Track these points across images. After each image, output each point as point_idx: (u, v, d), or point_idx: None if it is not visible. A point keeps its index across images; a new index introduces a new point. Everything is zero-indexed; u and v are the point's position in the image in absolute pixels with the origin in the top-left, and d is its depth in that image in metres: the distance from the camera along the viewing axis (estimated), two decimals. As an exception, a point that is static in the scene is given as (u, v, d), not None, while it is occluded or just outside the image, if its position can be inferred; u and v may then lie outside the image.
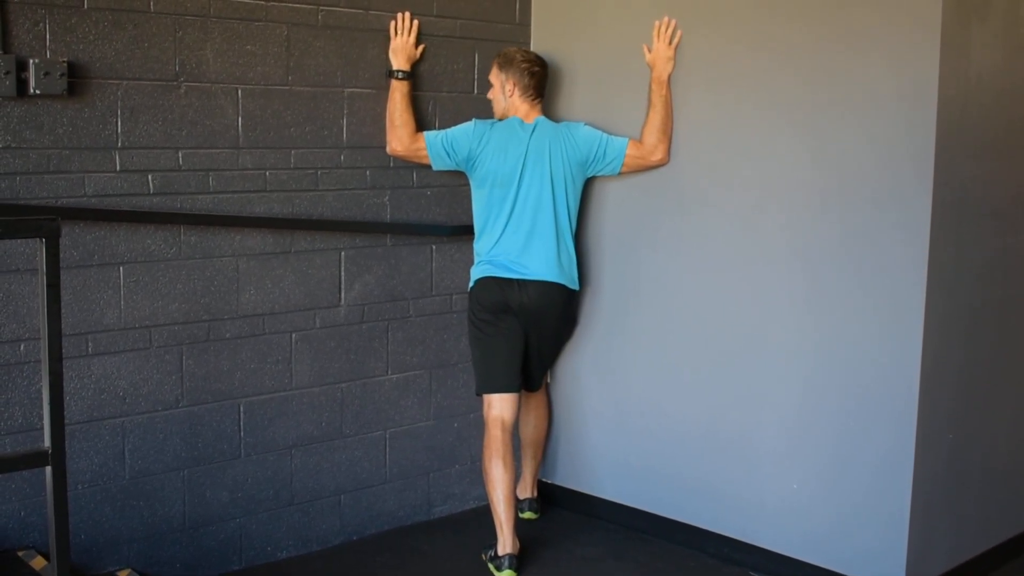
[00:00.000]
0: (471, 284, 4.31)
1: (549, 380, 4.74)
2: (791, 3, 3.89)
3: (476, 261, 4.31)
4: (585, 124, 4.31)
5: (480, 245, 4.30)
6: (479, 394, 4.31)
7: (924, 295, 3.64)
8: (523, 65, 4.23)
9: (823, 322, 3.88)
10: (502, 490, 4.12)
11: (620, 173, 4.31)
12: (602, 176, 4.39)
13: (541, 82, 4.28)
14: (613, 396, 4.55)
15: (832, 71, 3.80)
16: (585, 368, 4.63)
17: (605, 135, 4.27)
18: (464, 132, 4.24)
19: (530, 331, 4.28)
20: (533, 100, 4.27)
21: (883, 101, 3.69)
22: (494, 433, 4.18)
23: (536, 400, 4.62)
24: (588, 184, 4.42)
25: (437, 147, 4.22)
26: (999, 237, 4.01)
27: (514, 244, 4.21)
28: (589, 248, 4.55)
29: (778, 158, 3.96)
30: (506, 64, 4.25)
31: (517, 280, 4.19)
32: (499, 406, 4.22)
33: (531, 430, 4.64)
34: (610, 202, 4.47)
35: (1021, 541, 4.33)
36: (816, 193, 3.87)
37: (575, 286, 4.35)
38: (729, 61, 4.07)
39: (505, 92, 4.26)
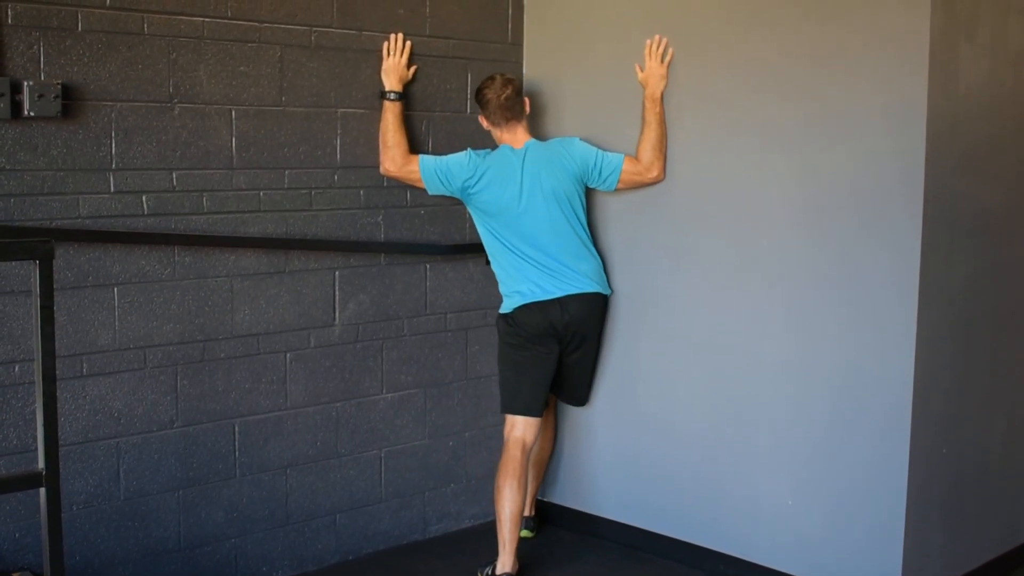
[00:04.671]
0: (509, 310, 4.27)
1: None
2: (780, 22, 3.92)
3: (507, 286, 4.27)
4: (580, 139, 4.33)
5: (505, 274, 4.27)
6: (506, 412, 4.30)
7: (916, 310, 3.65)
8: (489, 97, 4.22)
9: (816, 338, 3.89)
10: (511, 508, 4.11)
11: (616, 190, 4.33)
12: (597, 193, 4.41)
13: (511, 104, 4.22)
14: (609, 414, 4.55)
15: (822, 88, 3.82)
16: (580, 386, 4.64)
17: (600, 151, 4.29)
18: (458, 163, 4.23)
19: (571, 348, 4.29)
20: (510, 123, 4.24)
21: (873, 118, 3.71)
22: (513, 453, 4.18)
23: (545, 422, 4.61)
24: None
25: (431, 173, 4.23)
26: (989, 251, 4.02)
27: (544, 265, 4.20)
28: (583, 266, 4.56)
29: (770, 176, 3.98)
30: (480, 106, 4.28)
31: (558, 299, 4.20)
32: (522, 428, 4.22)
33: (537, 450, 4.62)
34: (604, 221, 4.48)
35: (1015, 556, 4.33)
36: (808, 210, 3.89)
37: (608, 291, 4.38)
38: (720, 81, 4.09)
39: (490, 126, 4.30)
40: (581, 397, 4.55)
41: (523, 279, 4.23)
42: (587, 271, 4.27)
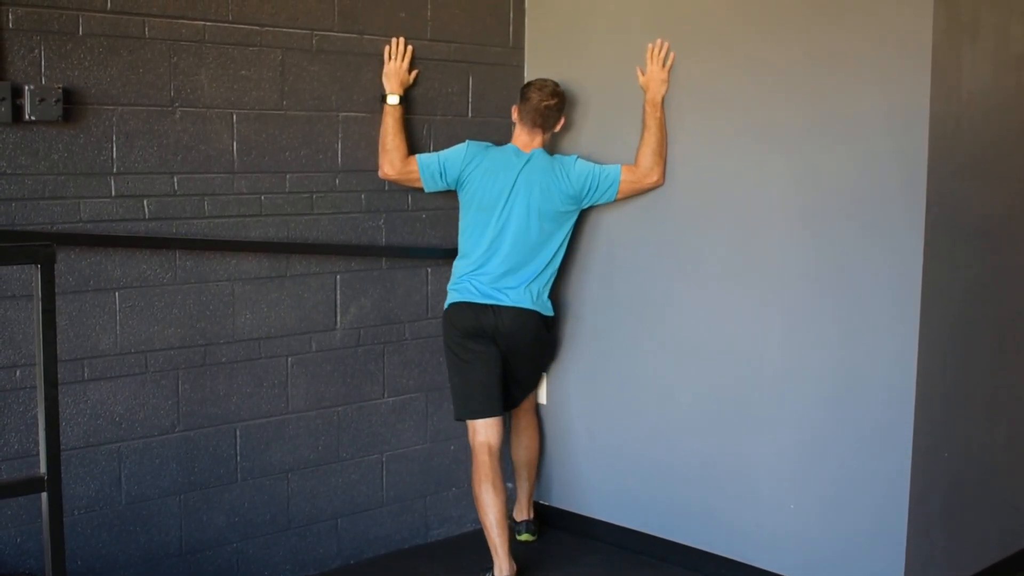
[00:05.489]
0: (446, 306, 4.30)
1: (543, 402, 4.74)
2: (782, 25, 3.92)
3: (452, 282, 4.30)
4: (579, 158, 4.31)
5: (459, 266, 4.29)
6: (460, 419, 4.30)
7: (917, 313, 3.65)
8: (531, 96, 4.25)
9: (818, 341, 3.89)
10: (494, 514, 4.11)
11: (616, 199, 4.32)
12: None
13: (548, 114, 4.26)
14: (608, 417, 4.55)
15: (823, 92, 3.82)
16: (579, 389, 4.63)
17: (597, 166, 4.27)
18: (456, 153, 4.26)
19: (507, 355, 4.28)
20: (535, 129, 4.26)
21: (875, 121, 3.71)
22: (482, 458, 4.18)
23: (526, 421, 4.62)
24: (582, 206, 4.43)
25: (430, 169, 4.24)
26: (991, 255, 4.02)
27: (492, 270, 4.20)
28: (582, 269, 4.55)
29: (771, 180, 3.98)
30: (521, 99, 4.29)
31: (492, 306, 4.19)
32: (484, 432, 4.21)
33: (523, 451, 4.63)
34: (603, 224, 4.48)
35: (1018, 559, 4.33)
36: (809, 214, 3.89)
37: (549, 313, 4.34)
38: (721, 83, 4.09)
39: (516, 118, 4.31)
40: (510, 403, 4.47)
41: (466, 279, 4.22)
42: (532, 290, 4.24)
